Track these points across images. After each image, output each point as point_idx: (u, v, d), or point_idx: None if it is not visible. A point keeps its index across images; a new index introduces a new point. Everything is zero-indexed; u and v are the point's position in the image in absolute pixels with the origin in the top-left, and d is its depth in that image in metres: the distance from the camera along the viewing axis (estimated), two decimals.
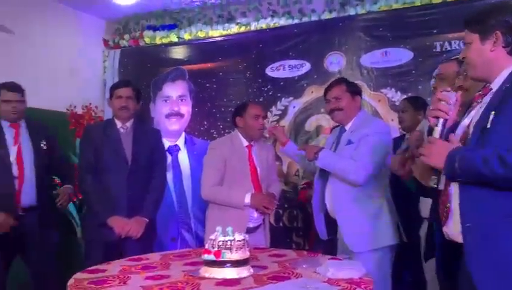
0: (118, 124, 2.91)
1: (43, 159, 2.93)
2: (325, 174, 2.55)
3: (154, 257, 2.22)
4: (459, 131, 1.54)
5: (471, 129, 1.48)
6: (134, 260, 2.14)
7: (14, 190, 2.80)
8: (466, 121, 1.54)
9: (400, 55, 3.62)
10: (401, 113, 3.10)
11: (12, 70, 3.49)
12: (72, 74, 4.35)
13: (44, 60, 4.09)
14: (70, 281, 1.75)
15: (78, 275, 1.84)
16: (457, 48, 3.42)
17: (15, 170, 2.82)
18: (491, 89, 1.50)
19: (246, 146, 2.86)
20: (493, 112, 1.40)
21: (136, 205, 2.83)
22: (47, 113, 3.74)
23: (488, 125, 1.39)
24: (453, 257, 1.52)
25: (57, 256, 3.01)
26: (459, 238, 1.46)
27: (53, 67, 4.18)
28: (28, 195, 2.83)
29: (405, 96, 3.43)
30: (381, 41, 3.70)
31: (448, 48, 3.46)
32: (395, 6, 3.69)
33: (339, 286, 1.66)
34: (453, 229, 1.50)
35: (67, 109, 4.18)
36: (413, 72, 3.59)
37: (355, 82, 3.59)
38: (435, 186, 1.64)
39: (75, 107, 4.23)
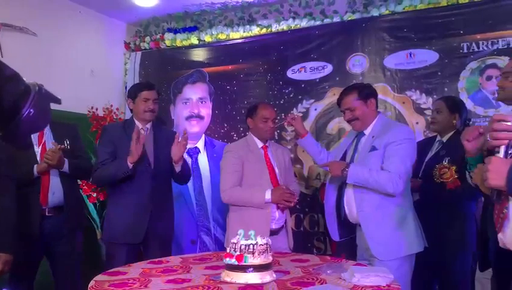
0: (139, 125, 2.90)
1: (68, 158, 2.88)
2: (339, 179, 2.49)
3: (174, 260, 2.19)
4: None
5: None
6: (154, 263, 2.12)
7: (39, 190, 2.78)
8: None
9: (425, 57, 3.52)
10: (434, 113, 2.94)
11: (34, 72, 3.51)
12: (93, 76, 4.39)
13: (65, 62, 4.14)
14: (91, 283, 1.73)
15: (99, 277, 1.82)
16: (485, 48, 3.32)
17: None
18: None
19: (261, 147, 2.86)
20: None
21: (159, 206, 2.83)
22: (68, 115, 3.76)
23: None
24: (508, 265, 1.41)
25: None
26: None
27: (75, 70, 4.22)
28: (54, 195, 2.82)
29: (437, 98, 3.28)
30: (405, 43, 3.61)
31: (476, 49, 3.35)
32: (420, 6, 3.60)
33: None
34: (510, 236, 1.41)
35: (88, 111, 4.21)
36: (439, 73, 3.49)
37: (378, 85, 3.58)
38: (494, 200, 1.49)
39: (96, 109, 4.25)
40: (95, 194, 4.02)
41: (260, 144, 2.85)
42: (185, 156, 3.46)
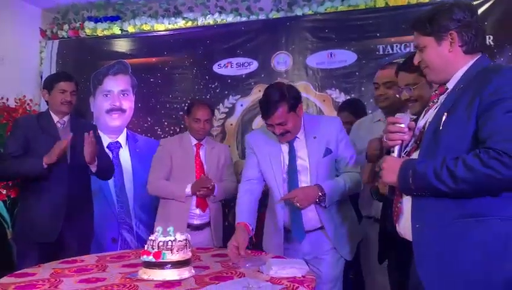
0: (55, 118, 2.77)
1: None
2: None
3: (90, 259, 2.10)
4: (416, 131, 1.52)
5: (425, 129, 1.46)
6: (68, 263, 2.03)
7: None
8: (422, 122, 1.52)
9: (345, 57, 3.68)
10: (348, 125, 3.04)
11: None
12: (3, 63, 4.06)
13: None
14: None
15: (4, 280, 1.71)
16: (398, 51, 3.54)
17: None
18: (447, 88, 1.48)
19: (195, 145, 2.91)
20: (445, 113, 1.38)
21: (76, 203, 2.70)
22: None
23: (440, 127, 1.38)
24: (407, 255, 1.49)
25: None
26: (410, 237, 1.45)
27: None
28: None
29: (344, 101, 3.42)
30: (326, 43, 3.75)
31: (390, 52, 3.57)
32: (340, 8, 3.75)
33: (282, 284, 1.65)
34: (404, 227, 1.49)
35: None
36: (357, 73, 3.67)
37: (301, 83, 3.67)
38: (388, 196, 1.61)
39: (7, 99, 3.95)
40: (4, 191, 3.73)
41: (194, 142, 2.91)
42: (106, 150, 3.35)
